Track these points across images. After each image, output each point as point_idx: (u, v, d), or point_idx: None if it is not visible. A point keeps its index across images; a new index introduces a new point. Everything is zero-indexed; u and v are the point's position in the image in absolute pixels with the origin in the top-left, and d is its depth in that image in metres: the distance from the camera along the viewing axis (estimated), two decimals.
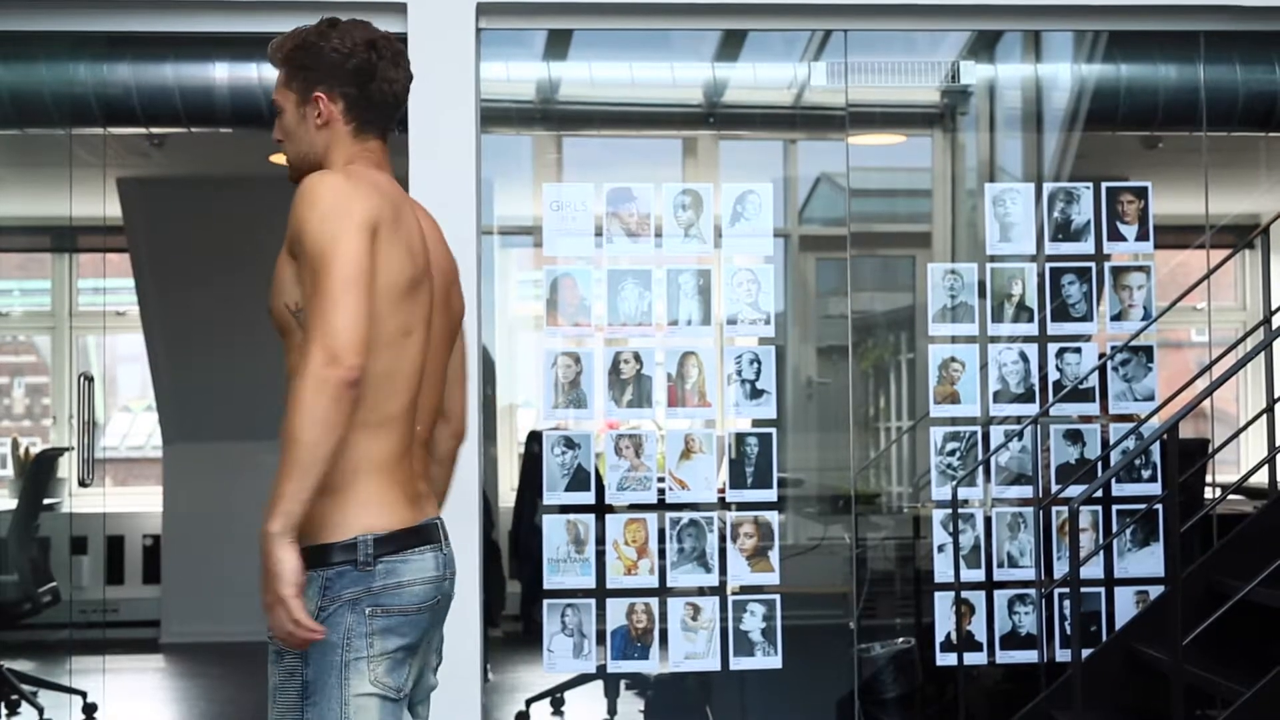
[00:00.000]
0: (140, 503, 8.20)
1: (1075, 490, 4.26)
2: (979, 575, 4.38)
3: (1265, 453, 4.64)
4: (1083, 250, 4.41)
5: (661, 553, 4.16)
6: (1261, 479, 4.78)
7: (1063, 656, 4.30)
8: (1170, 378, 5.11)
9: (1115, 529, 4.38)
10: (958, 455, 4.39)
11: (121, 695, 6.16)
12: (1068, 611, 4.14)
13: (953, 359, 4.39)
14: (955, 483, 4.36)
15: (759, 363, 4.22)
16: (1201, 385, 4.36)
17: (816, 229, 6.20)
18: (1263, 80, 4.91)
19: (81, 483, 5.56)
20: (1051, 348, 4.40)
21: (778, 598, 4.22)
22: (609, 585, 4.14)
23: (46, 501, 6.71)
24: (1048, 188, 4.50)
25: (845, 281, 4.95)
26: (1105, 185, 4.45)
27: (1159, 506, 4.33)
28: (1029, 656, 4.39)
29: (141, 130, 5.33)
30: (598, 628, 4.13)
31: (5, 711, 5.76)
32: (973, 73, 5.05)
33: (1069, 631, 4.08)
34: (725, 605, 4.20)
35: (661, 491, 4.18)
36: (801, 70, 5.07)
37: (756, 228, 4.25)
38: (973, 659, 4.41)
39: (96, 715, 5.73)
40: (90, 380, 5.55)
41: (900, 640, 5.14)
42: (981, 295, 4.39)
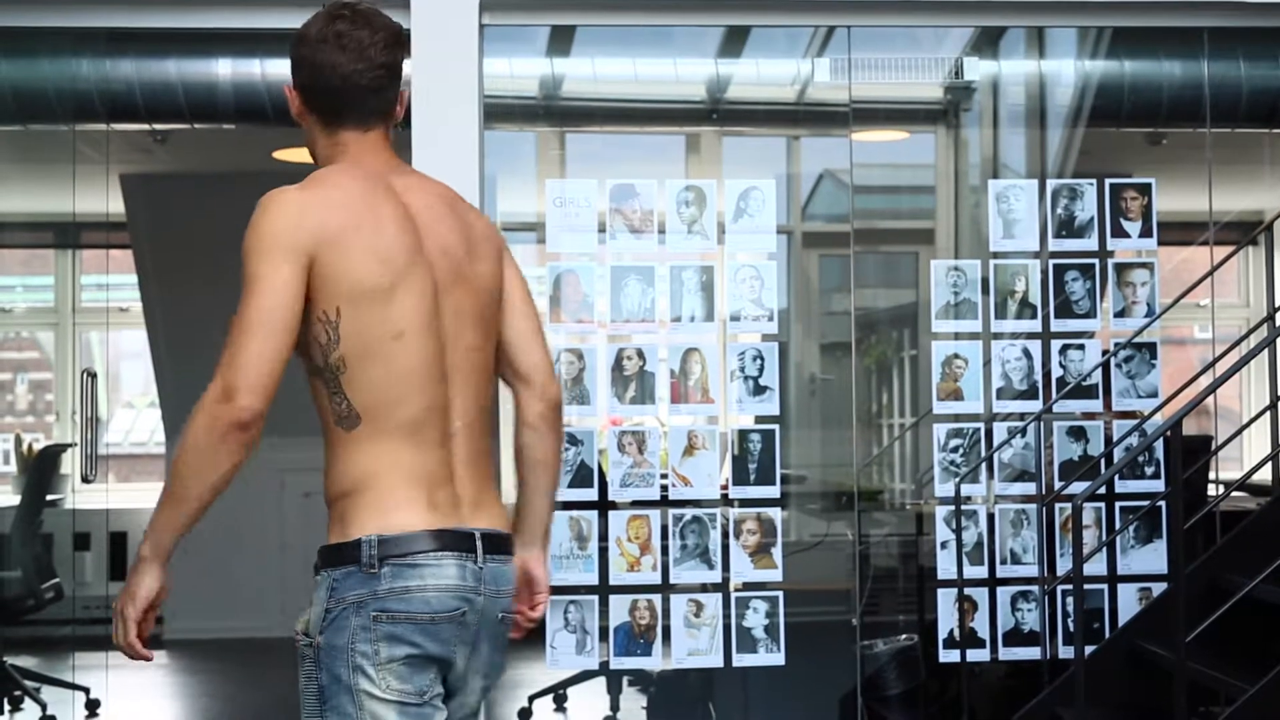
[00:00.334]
0: (143, 499, 8.14)
1: (1078, 487, 4.25)
2: (982, 572, 4.38)
3: (1269, 449, 4.64)
4: (1086, 247, 4.40)
5: (664, 549, 4.15)
6: (1265, 475, 4.78)
7: (1065, 653, 4.29)
8: (1174, 374, 5.10)
9: (1118, 526, 4.37)
10: (961, 452, 4.38)
11: (124, 691, 6.16)
12: (1071, 608, 4.14)
13: (956, 355, 4.38)
14: (958, 479, 4.35)
15: (762, 359, 4.22)
16: (1205, 382, 4.36)
17: (820, 225, 6.20)
18: (1267, 76, 4.90)
19: (84, 479, 5.57)
20: (1055, 344, 4.39)
21: (780, 594, 4.22)
22: (612, 582, 4.13)
23: (49, 497, 6.71)
24: (1051, 184, 4.49)
25: (848, 278, 4.95)
26: (1109, 181, 4.44)
27: (1162, 503, 4.33)
28: (1032, 653, 4.39)
29: (145, 126, 5.33)
30: (600, 624, 4.12)
31: (8, 707, 5.76)
32: (976, 69, 5.04)
33: (1072, 628, 4.08)
34: (728, 602, 4.19)
35: (664, 488, 4.17)
36: (805, 66, 5.07)
37: (760, 224, 4.24)
38: (975, 656, 4.40)
39: (99, 711, 5.74)
40: (93, 376, 5.55)
41: (903, 637, 5.14)
42: (985, 292, 4.38)
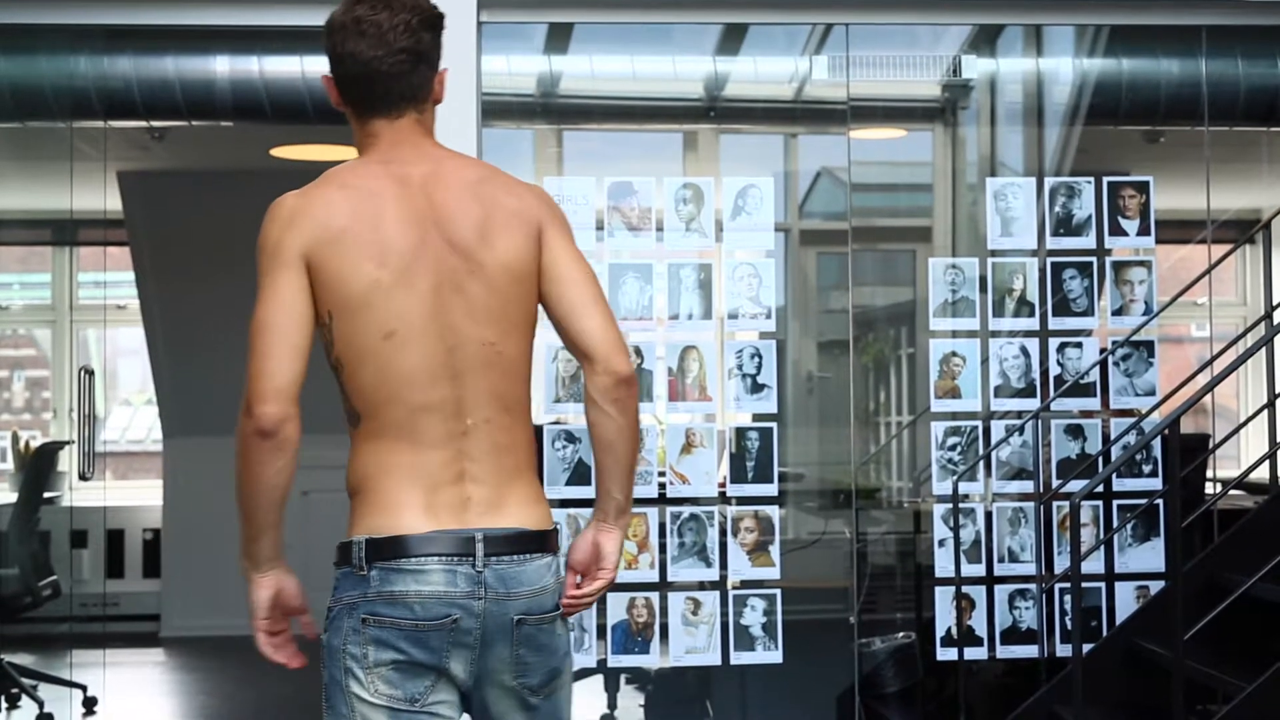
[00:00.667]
0: (140, 496, 8.20)
1: (1076, 485, 4.25)
2: (979, 570, 4.38)
3: (1266, 448, 4.64)
4: (1084, 245, 4.40)
5: (662, 547, 4.15)
6: (1262, 474, 4.77)
7: (1063, 651, 4.29)
8: (1171, 373, 5.10)
9: (1116, 524, 4.38)
10: (958, 450, 4.38)
11: (122, 689, 6.17)
12: (1068, 606, 4.14)
13: (953, 354, 4.38)
14: (956, 477, 4.35)
15: (760, 357, 4.22)
16: (1203, 380, 4.36)
17: (817, 223, 6.19)
18: (1265, 75, 4.90)
19: (82, 476, 5.56)
20: (1052, 342, 4.39)
21: (778, 592, 4.22)
22: None
23: (46, 495, 6.71)
24: (1049, 182, 4.49)
25: (846, 276, 4.94)
26: (1106, 180, 4.44)
27: (1160, 502, 4.33)
28: (1029, 651, 4.39)
29: (142, 123, 5.33)
30: (598, 622, 4.12)
31: (5, 705, 5.76)
32: (974, 67, 5.04)
33: (1069, 626, 4.08)
34: (726, 600, 4.19)
35: (662, 486, 4.17)
36: (803, 64, 5.06)
37: (757, 222, 4.24)
38: (973, 654, 4.40)
39: (97, 709, 5.74)
40: (90, 374, 5.54)
41: (901, 635, 5.14)
42: (982, 290, 4.38)
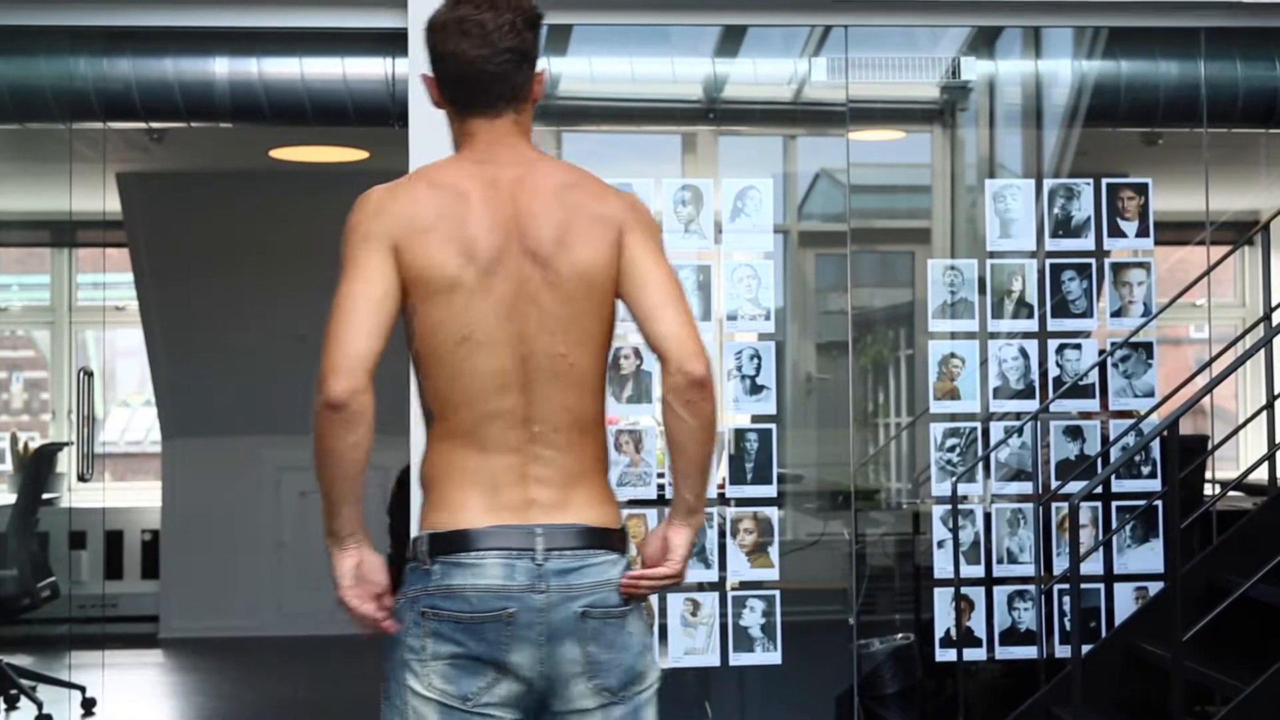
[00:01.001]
0: (139, 498, 8.20)
1: (1075, 486, 4.26)
2: (978, 571, 4.38)
3: (1265, 449, 4.64)
4: (1083, 246, 4.41)
5: None
6: (1261, 475, 4.78)
7: (1062, 652, 4.30)
8: (1170, 374, 5.11)
9: (1115, 525, 4.38)
10: (957, 451, 4.39)
11: (120, 690, 6.17)
12: (1067, 607, 4.14)
13: (952, 355, 4.38)
14: (955, 479, 4.36)
15: (759, 358, 4.22)
16: (1201, 382, 4.36)
17: (816, 225, 6.19)
18: (1263, 77, 4.90)
19: (80, 478, 5.56)
20: (1051, 344, 4.40)
21: (777, 593, 4.22)
22: None
23: (45, 496, 6.71)
24: (1048, 184, 4.49)
25: (845, 277, 4.94)
26: (1105, 181, 4.45)
27: (1159, 503, 4.33)
28: (1028, 652, 4.39)
29: (141, 125, 5.32)
30: None
31: (4, 706, 5.76)
32: (973, 69, 5.04)
33: (1068, 627, 4.09)
34: (725, 601, 4.20)
35: (661, 487, 4.17)
36: (801, 66, 5.06)
37: (756, 223, 4.24)
38: (972, 655, 4.41)
39: (95, 710, 5.74)
40: (89, 375, 5.54)
41: (900, 636, 5.14)
42: (981, 291, 4.38)
